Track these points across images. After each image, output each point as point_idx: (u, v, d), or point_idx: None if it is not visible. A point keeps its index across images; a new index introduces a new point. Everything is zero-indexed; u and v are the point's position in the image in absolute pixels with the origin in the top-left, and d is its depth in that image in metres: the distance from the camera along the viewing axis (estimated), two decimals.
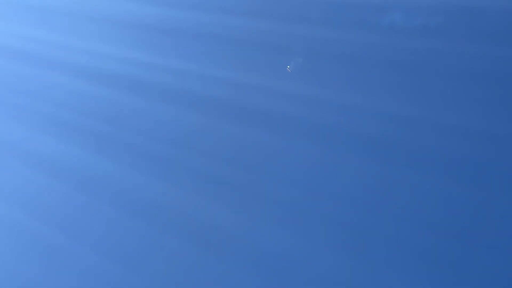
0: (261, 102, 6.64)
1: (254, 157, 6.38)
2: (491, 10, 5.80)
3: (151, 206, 6.46)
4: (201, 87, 7.07)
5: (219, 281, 5.69)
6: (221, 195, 6.23)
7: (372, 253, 5.39)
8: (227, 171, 6.36)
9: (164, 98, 7.23)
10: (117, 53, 7.87)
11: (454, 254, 5.14)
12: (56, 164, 7.22)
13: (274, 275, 5.56)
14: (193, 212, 6.23)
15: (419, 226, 5.36)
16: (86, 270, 6.21)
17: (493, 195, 5.24)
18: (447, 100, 5.79)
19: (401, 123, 5.84)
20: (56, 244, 6.52)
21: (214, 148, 6.61)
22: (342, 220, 5.62)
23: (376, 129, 5.90)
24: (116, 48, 7.91)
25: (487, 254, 5.06)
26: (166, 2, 7.73)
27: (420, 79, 5.99)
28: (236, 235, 5.89)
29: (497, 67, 5.66)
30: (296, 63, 6.43)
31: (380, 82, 6.13)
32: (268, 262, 5.65)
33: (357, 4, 6.42)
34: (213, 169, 6.44)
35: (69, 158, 7.19)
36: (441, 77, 5.90)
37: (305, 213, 5.78)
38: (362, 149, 5.91)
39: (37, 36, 8.67)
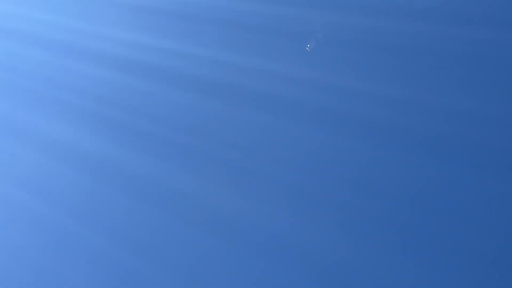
0: (275, 88, 6.64)
1: (264, 143, 6.40)
2: None
3: (163, 192, 6.51)
4: (216, 73, 7.08)
5: (228, 265, 5.74)
6: (232, 180, 6.27)
7: (372, 234, 5.40)
8: (238, 157, 6.38)
9: (179, 85, 7.25)
10: (134, 39, 7.90)
11: (451, 235, 5.14)
12: (71, 151, 7.29)
13: (280, 259, 5.59)
14: (204, 198, 6.27)
15: (419, 209, 5.36)
16: (99, 256, 6.27)
17: (492, 178, 5.22)
18: (450, 83, 5.76)
19: (404, 106, 5.82)
20: (70, 231, 6.60)
21: (226, 135, 6.63)
22: (346, 203, 5.63)
23: (378, 113, 5.89)
24: (133, 34, 7.95)
25: (484, 236, 5.05)
26: None
27: (430, 64, 5.96)
28: (245, 220, 5.93)
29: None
30: (311, 46, 6.40)
31: (385, 66, 6.11)
32: (276, 245, 5.68)
33: None
34: (225, 155, 6.47)
35: (84, 144, 7.26)
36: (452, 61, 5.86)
37: (310, 196, 5.80)
38: (365, 133, 5.90)
39: (54, 21, 8.74)
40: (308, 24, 6.66)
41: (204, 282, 5.70)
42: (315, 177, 5.91)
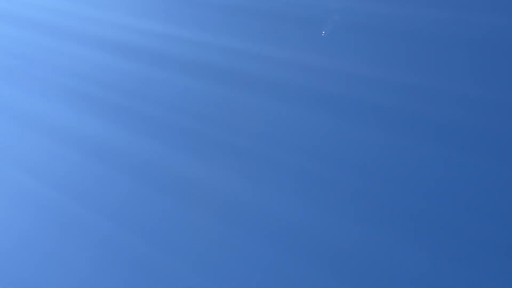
0: (286, 75, 6.58)
1: (275, 129, 6.33)
2: None
3: (167, 176, 6.45)
4: (221, 59, 7.02)
5: (233, 249, 5.68)
6: (237, 165, 6.20)
7: (383, 221, 5.34)
8: (243, 141, 6.32)
9: (183, 70, 7.20)
10: (137, 24, 7.85)
11: (462, 223, 5.08)
12: (74, 135, 7.25)
13: (292, 245, 5.54)
14: (209, 182, 6.21)
15: (425, 193, 5.31)
16: (102, 239, 6.22)
17: (496, 163, 5.16)
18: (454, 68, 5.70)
19: (418, 94, 5.75)
20: (73, 213, 6.56)
21: (236, 121, 6.57)
22: (358, 190, 5.57)
23: (392, 100, 5.83)
24: (141, 19, 7.90)
25: (490, 221, 5.00)
26: None
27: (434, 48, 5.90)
28: (250, 203, 5.87)
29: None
30: (326, 31, 6.31)
31: (399, 53, 6.03)
32: (281, 229, 5.63)
33: None
34: (230, 139, 6.40)
35: (87, 129, 7.21)
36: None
37: (322, 183, 5.73)
38: (378, 120, 5.84)
39: (57, 6, 8.69)
40: (321, 9, 6.57)
41: (214, 268, 5.63)
42: (327, 164, 5.84)
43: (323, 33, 6.20)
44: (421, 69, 5.86)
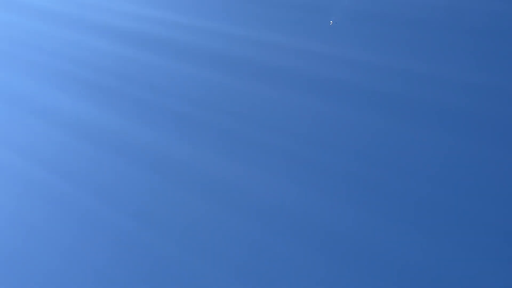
0: (276, 59, 6.52)
1: (264, 112, 6.25)
2: None
3: (160, 160, 6.36)
4: (218, 44, 6.97)
5: (225, 233, 5.57)
6: (230, 148, 6.11)
7: (376, 206, 5.22)
8: (237, 126, 6.24)
9: (178, 55, 7.13)
10: (132, 9, 7.84)
11: (458, 208, 4.99)
12: (68, 119, 7.16)
13: (281, 228, 5.42)
14: (201, 166, 6.11)
15: (423, 180, 5.21)
16: (92, 219, 6.11)
17: (496, 150, 5.11)
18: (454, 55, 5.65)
19: (417, 80, 5.70)
20: (64, 194, 6.44)
21: (226, 104, 6.49)
22: (351, 174, 5.47)
23: (388, 85, 5.78)
24: (132, 4, 7.88)
25: (489, 210, 4.92)
26: None
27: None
28: (244, 188, 5.77)
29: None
30: (334, 20, 6.24)
31: (400, 39, 5.99)
32: (275, 214, 5.52)
33: None
34: (224, 124, 6.32)
35: (81, 113, 7.13)
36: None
37: (311, 166, 5.63)
38: (373, 105, 5.78)
39: None
40: None
41: (202, 249, 5.52)
42: (322, 148, 5.76)
43: (331, 22, 6.13)
44: (428, 56, 5.80)
